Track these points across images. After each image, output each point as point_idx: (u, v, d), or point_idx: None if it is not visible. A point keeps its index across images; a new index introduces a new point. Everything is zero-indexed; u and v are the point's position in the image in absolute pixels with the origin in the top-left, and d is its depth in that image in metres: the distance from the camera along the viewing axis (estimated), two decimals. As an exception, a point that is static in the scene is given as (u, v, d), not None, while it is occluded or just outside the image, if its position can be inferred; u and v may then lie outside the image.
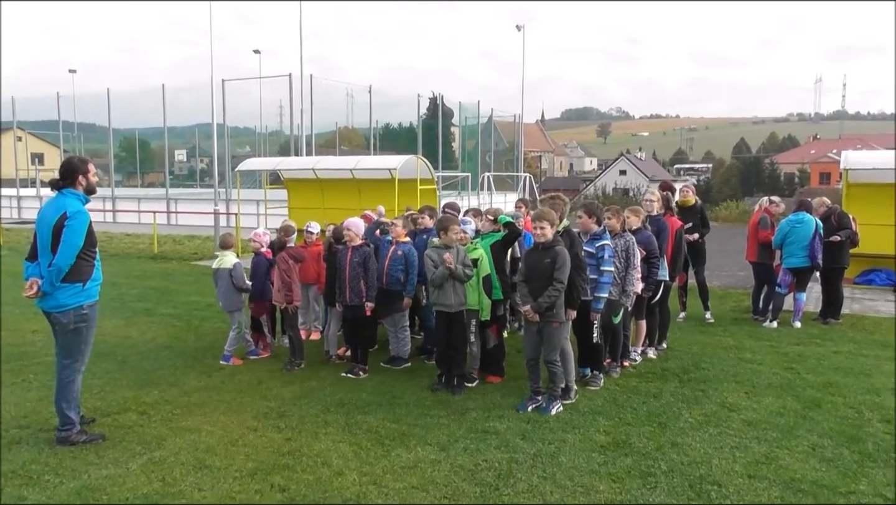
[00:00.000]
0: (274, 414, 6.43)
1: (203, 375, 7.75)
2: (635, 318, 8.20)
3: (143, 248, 21.26)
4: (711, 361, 8.23)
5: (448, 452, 5.50)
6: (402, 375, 7.76)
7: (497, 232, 7.50)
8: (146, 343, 9.27)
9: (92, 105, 35.60)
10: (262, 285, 8.42)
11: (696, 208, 10.53)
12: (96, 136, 40.50)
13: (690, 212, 10.33)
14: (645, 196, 8.21)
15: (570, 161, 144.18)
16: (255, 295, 8.47)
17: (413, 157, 17.72)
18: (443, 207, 9.00)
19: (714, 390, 7.12)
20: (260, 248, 8.53)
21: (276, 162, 20.15)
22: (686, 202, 10.35)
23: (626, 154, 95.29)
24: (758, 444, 5.71)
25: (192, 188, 43.63)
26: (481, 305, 7.14)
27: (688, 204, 10.37)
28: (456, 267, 6.93)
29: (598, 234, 7.13)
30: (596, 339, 7.22)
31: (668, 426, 6.10)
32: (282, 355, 8.52)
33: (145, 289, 13.79)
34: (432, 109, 40.00)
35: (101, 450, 5.59)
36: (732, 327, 10.20)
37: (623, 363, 7.85)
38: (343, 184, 18.06)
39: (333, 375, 7.64)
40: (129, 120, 37.94)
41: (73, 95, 37.52)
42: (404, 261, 7.85)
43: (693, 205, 10.45)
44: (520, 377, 7.23)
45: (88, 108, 36.87)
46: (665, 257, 8.34)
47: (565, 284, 6.32)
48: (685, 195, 10.41)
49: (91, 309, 5.68)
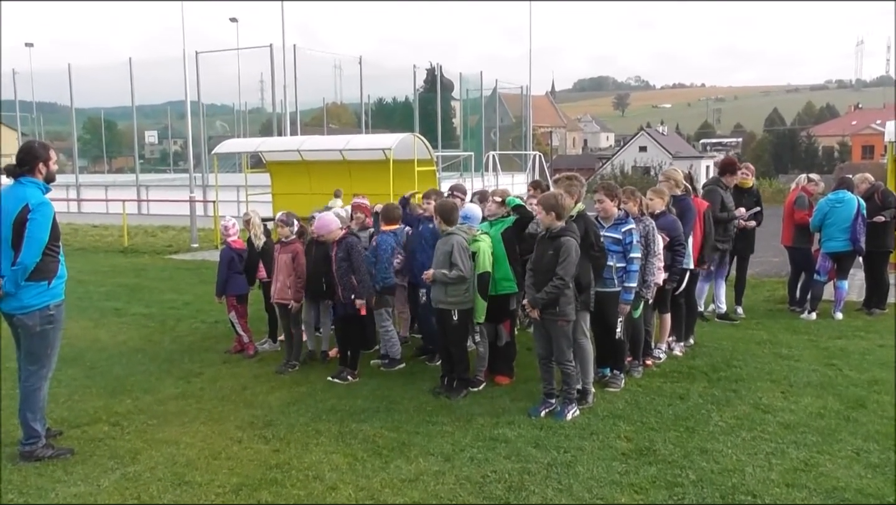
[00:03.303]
0: (260, 423, 6.44)
1: (180, 380, 7.77)
2: (658, 311, 8.20)
3: (111, 242, 21.28)
4: (744, 358, 8.23)
5: (453, 463, 5.52)
6: (401, 377, 7.77)
7: (507, 217, 7.47)
8: (117, 346, 9.29)
9: (52, 82, 35.58)
10: (227, 278, 8.66)
11: (754, 191, 10.49)
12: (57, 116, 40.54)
13: (748, 195, 10.29)
14: (648, 195, 8.05)
15: (584, 137, 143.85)
16: (220, 288, 8.71)
17: (409, 136, 17.69)
18: (449, 190, 8.93)
19: (747, 390, 7.12)
20: (228, 237, 8.76)
21: (257, 143, 20.14)
22: (744, 183, 10.30)
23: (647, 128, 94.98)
24: (796, 449, 5.72)
25: (164, 173, 43.72)
26: (476, 306, 7.13)
27: (746, 186, 10.32)
28: (435, 275, 7.00)
29: (621, 218, 7.11)
30: (619, 334, 7.22)
31: (697, 431, 6.10)
32: (268, 358, 8.55)
33: (115, 286, 13.81)
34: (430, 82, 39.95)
35: (69, 465, 5.61)
36: (767, 320, 10.20)
37: (646, 362, 7.85)
38: (332, 166, 18.05)
39: (325, 379, 7.66)
40: (94, 98, 37.97)
41: (30, 72, 37.50)
42: (375, 252, 7.96)
43: (750, 187, 10.43)
44: (531, 378, 7.24)
45: (48, 85, 36.87)
46: (691, 243, 8.32)
47: (568, 280, 6.25)
48: (745, 176, 10.37)
49: (57, 309, 5.69)
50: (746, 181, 10.38)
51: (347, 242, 7.63)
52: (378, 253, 8.02)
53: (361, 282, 7.58)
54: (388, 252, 8.03)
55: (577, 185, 6.86)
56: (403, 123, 36.18)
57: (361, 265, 7.61)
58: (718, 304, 10.26)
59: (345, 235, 7.70)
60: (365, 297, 7.63)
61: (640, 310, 7.48)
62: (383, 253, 8.01)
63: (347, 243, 7.63)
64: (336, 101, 42.77)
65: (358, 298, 7.58)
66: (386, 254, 8.02)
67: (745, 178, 10.37)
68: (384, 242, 8.09)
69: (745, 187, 10.31)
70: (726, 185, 9.82)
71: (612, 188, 7.25)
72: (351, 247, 7.61)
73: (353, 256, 7.59)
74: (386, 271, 8.01)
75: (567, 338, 6.46)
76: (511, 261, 7.30)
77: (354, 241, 7.70)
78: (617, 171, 58.12)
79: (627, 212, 7.24)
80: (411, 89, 36.52)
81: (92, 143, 46.33)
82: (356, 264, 7.57)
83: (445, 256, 6.98)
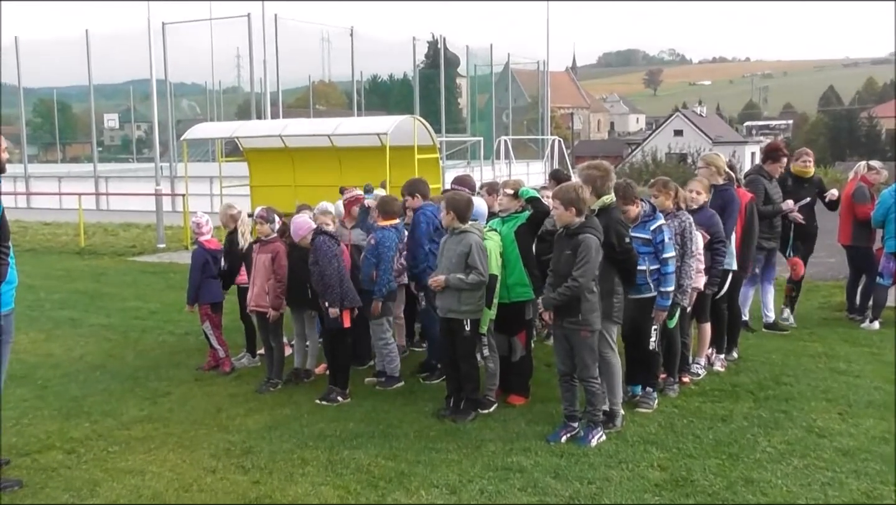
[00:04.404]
0: (237, 450, 6.46)
1: (146, 401, 7.79)
2: (697, 320, 8.20)
3: (65, 241, 21.33)
4: (795, 374, 8.22)
5: (459, 496, 5.52)
6: (399, 397, 7.78)
7: (521, 212, 7.45)
8: (73, 362, 9.31)
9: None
10: (200, 283, 8.70)
11: (815, 181, 10.48)
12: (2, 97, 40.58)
13: (809, 185, 10.29)
14: (689, 186, 8.00)
15: (610, 119, 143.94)
16: (192, 295, 8.75)
17: (408, 118, 17.69)
18: (451, 185, 8.79)
19: (799, 411, 7.12)
20: (200, 236, 8.79)
21: (232, 128, 20.14)
22: (805, 172, 10.30)
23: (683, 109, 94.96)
24: (856, 479, 5.71)
25: (126, 163, 43.72)
26: (482, 313, 7.12)
27: (806, 175, 10.32)
28: (449, 280, 6.98)
29: (648, 215, 7.09)
30: (653, 345, 7.22)
31: (741, 458, 6.10)
32: (246, 376, 8.56)
33: (70, 293, 13.85)
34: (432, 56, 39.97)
35: (18, 499, 5.62)
36: (822, 329, 10.19)
37: (682, 379, 7.85)
38: (319, 154, 18.02)
39: (312, 401, 7.67)
40: (46, 77, 37.98)
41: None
42: (376, 251, 7.90)
43: (811, 176, 10.42)
44: (550, 399, 7.25)
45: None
46: (732, 240, 8.32)
47: (584, 283, 6.21)
48: (805, 164, 10.36)
49: (6, 319, 5.71)
50: (807, 169, 10.34)
51: (314, 245, 7.63)
52: (380, 252, 7.91)
53: (330, 287, 7.54)
54: (391, 250, 7.96)
55: (595, 174, 6.71)
56: (401, 104, 36.21)
57: (328, 268, 7.54)
58: (766, 311, 10.24)
59: (314, 237, 7.69)
60: (342, 305, 7.58)
61: (675, 319, 7.48)
62: (387, 252, 7.90)
63: (315, 246, 7.62)
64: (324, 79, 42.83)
65: (331, 306, 7.56)
66: (390, 252, 7.94)
67: (806, 167, 10.34)
68: (386, 239, 7.95)
69: (804, 177, 10.28)
70: (770, 175, 9.81)
71: (623, 188, 7.05)
72: (316, 248, 7.60)
73: (319, 259, 7.54)
74: (389, 274, 7.97)
75: (591, 351, 6.45)
76: (526, 263, 7.28)
77: (321, 242, 7.63)
78: (648, 158, 57.84)
79: (654, 206, 7.21)
80: (410, 65, 36.51)
81: (43, 129, 46.36)
82: (322, 268, 7.53)
83: (460, 258, 6.96)
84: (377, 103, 40.63)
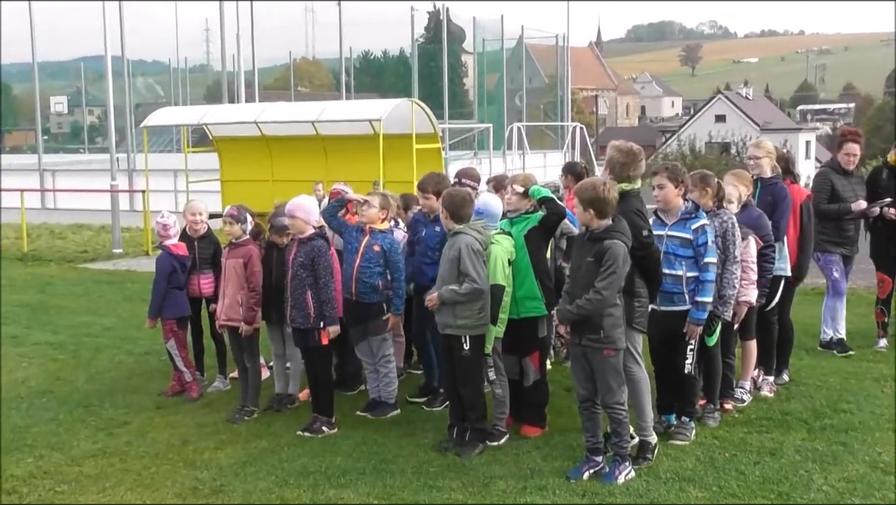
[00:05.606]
0: (206, 490, 6.47)
1: (100, 432, 7.79)
2: (741, 337, 8.20)
3: (5, 245, 21.31)
4: (856, 400, 8.21)
5: (465, 542, 5.53)
6: (394, 428, 7.78)
7: (532, 213, 7.47)
8: (14, 386, 9.32)
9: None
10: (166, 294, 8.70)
11: None
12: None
13: None
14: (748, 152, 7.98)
15: (640, 103, 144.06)
16: (155, 309, 8.74)
17: (405, 102, 17.76)
18: (455, 177, 8.85)
19: (861, 444, 7.11)
20: (166, 239, 8.75)
21: (200, 113, 20.23)
22: None
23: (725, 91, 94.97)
24: (927, 523, 5.73)
25: (77, 154, 43.79)
26: (486, 329, 7.12)
27: None
28: (442, 296, 7.01)
29: (689, 212, 7.09)
30: (689, 368, 7.22)
31: (793, 498, 6.10)
32: (217, 402, 8.58)
33: (10, 305, 13.86)
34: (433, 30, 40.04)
35: (-49, 546, 5.65)
36: (889, 349, 10.16)
37: (724, 405, 7.85)
38: (301, 144, 18.11)
39: (292, 431, 7.68)
40: (-21, 53, 38.12)
41: None
42: (383, 260, 7.91)
43: None
44: (570, 428, 7.26)
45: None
46: (785, 242, 8.32)
47: (608, 297, 6.20)
48: None
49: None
50: None
51: (315, 247, 7.60)
52: (425, 245, 8.03)
53: (327, 303, 7.54)
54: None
55: (632, 162, 6.75)
56: (397, 86, 36.31)
57: (329, 280, 7.56)
58: (825, 327, 10.10)
59: (313, 236, 7.68)
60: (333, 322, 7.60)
61: (715, 336, 7.48)
62: (399, 259, 8.01)
63: (315, 248, 7.58)
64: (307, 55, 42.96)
65: (329, 323, 7.55)
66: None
67: None
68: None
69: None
70: (844, 168, 9.78)
71: (677, 171, 7.20)
72: (319, 253, 7.57)
73: (318, 267, 7.53)
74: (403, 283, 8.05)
75: (616, 373, 6.44)
76: (538, 273, 7.28)
77: (324, 247, 7.64)
78: (686, 148, 57.87)
79: (697, 204, 7.21)
80: (408, 40, 36.59)
81: (-23, 114, 46.53)
82: (322, 278, 7.53)
83: (452, 265, 6.97)
84: (369, 84, 40.75)
